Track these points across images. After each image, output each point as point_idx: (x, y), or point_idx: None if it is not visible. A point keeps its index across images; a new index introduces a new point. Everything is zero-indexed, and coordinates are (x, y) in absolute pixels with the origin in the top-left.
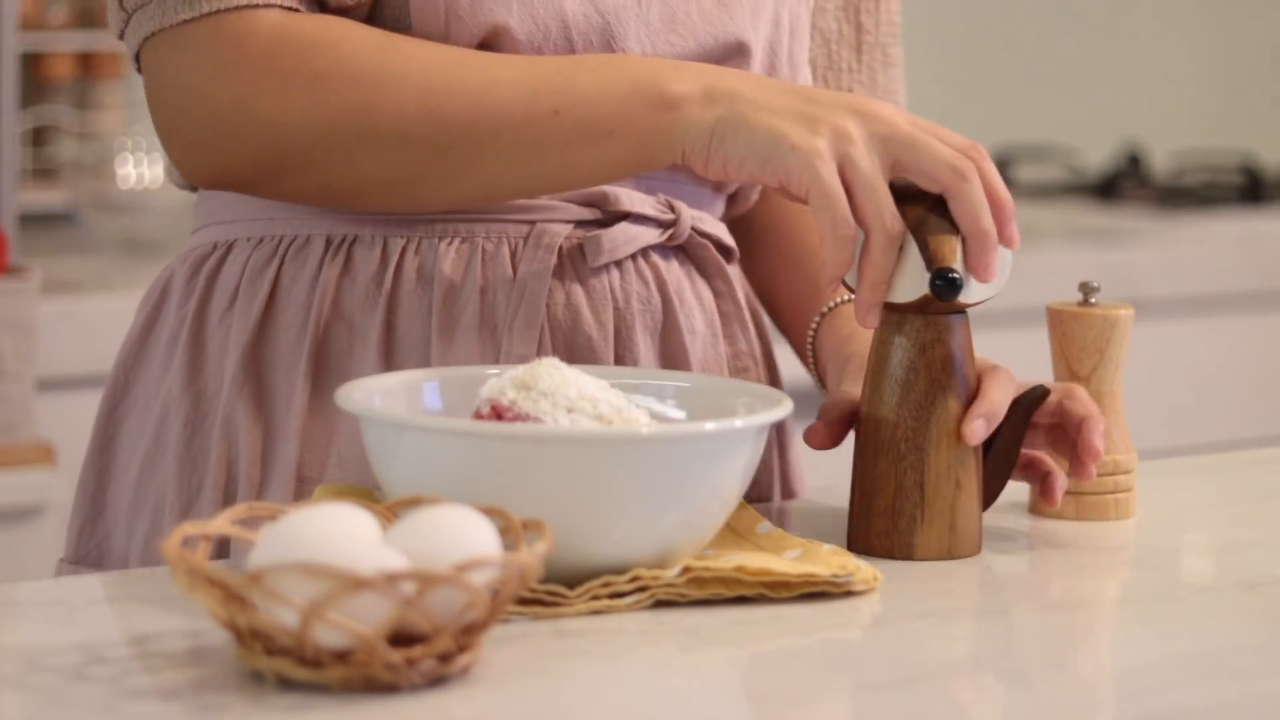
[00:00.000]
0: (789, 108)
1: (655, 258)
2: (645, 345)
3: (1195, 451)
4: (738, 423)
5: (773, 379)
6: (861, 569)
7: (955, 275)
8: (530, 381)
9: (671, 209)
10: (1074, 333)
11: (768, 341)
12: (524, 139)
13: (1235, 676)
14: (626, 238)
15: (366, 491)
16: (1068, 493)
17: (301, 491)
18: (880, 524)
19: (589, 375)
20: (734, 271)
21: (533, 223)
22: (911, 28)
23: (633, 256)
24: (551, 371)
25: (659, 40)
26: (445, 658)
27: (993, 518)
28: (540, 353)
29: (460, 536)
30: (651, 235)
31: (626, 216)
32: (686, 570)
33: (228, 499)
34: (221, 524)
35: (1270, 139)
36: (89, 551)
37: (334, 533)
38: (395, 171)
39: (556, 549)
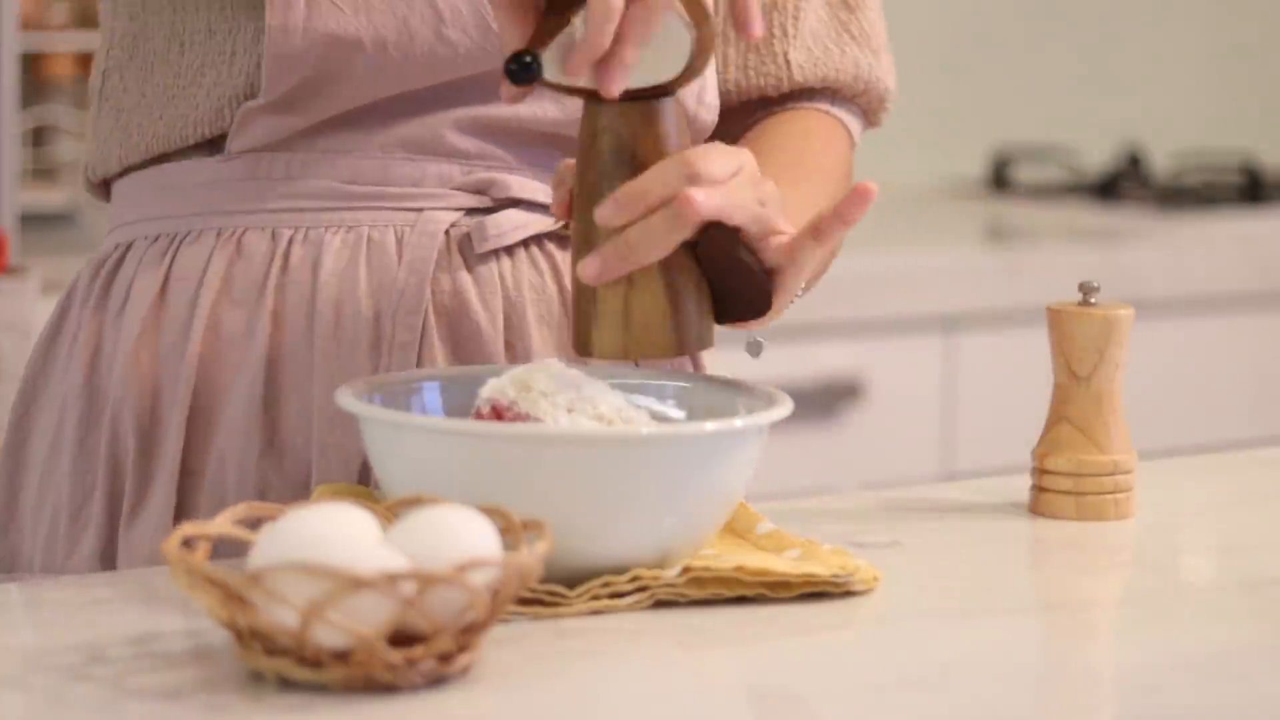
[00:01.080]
0: None
1: (551, 246)
2: (539, 334)
3: (1195, 451)
4: (738, 423)
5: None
6: (861, 569)
7: (527, 59)
8: (530, 382)
9: None
10: (1074, 333)
11: None
12: None
13: (1236, 677)
14: (515, 223)
15: (366, 491)
16: (1068, 493)
17: (185, 485)
18: (574, 324)
19: (588, 375)
20: None
21: (420, 210)
22: (911, 27)
23: (526, 244)
24: (551, 372)
25: None
26: (445, 658)
27: (993, 517)
28: (424, 340)
29: (460, 536)
30: (545, 222)
31: (518, 204)
32: (686, 570)
33: (114, 496)
34: (221, 524)
35: (1270, 139)
36: (3, 557)
37: (334, 533)
38: None
39: (556, 549)
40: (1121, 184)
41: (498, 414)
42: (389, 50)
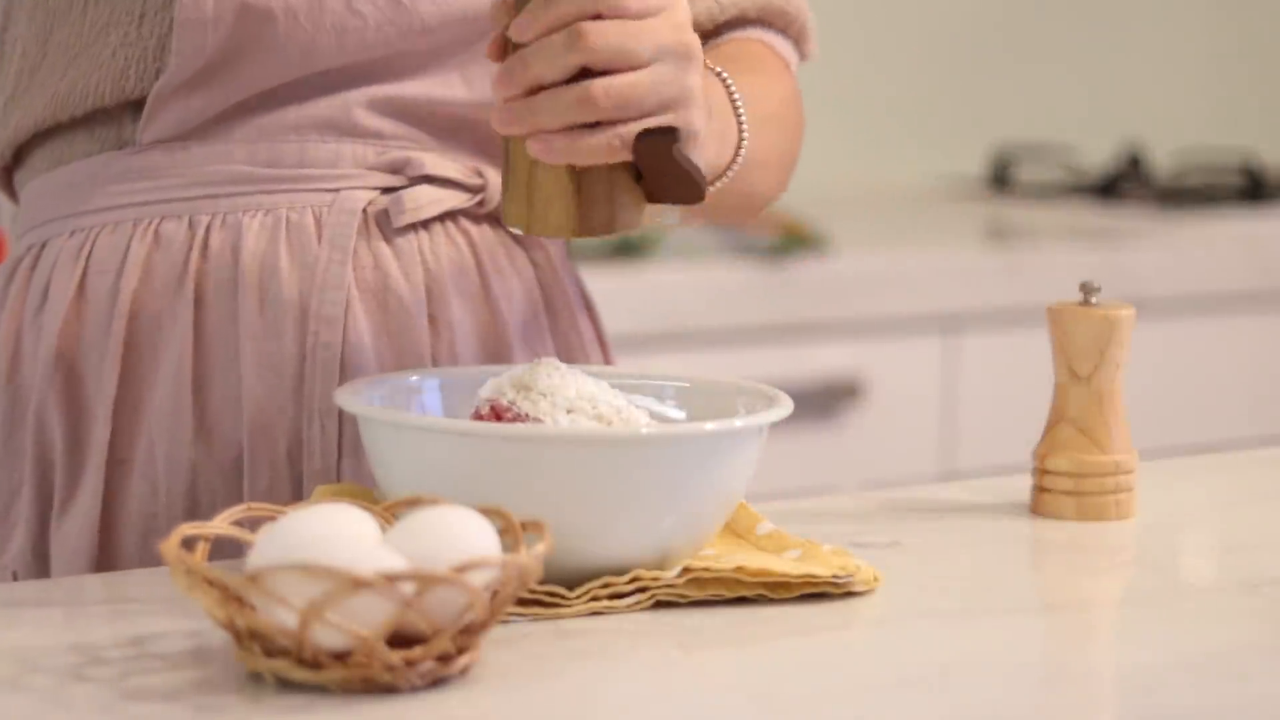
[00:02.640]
0: None
1: (466, 223)
2: (461, 308)
3: (1195, 451)
4: (738, 423)
5: (606, 363)
6: (861, 569)
7: None
8: (529, 382)
9: (480, 175)
10: (1074, 333)
11: (600, 327)
12: None
13: (1236, 678)
14: (430, 198)
15: (366, 492)
16: (1068, 493)
17: (115, 474)
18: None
19: (588, 375)
20: (554, 245)
21: (337, 190)
22: (911, 27)
23: (442, 221)
24: (550, 372)
25: None
26: (444, 659)
27: (993, 517)
28: (349, 315)
29: (459, 537)
30: (459, 198)
31: (433, 181)
32: (686, 571)
33: (43, 491)
34: (221, 524)
35: (1272, 139)
36: None
37: (333, 533)
38: None
39: (556, 549)
40: (1121, 184)
41: (497, 414)
42: (300, 20)
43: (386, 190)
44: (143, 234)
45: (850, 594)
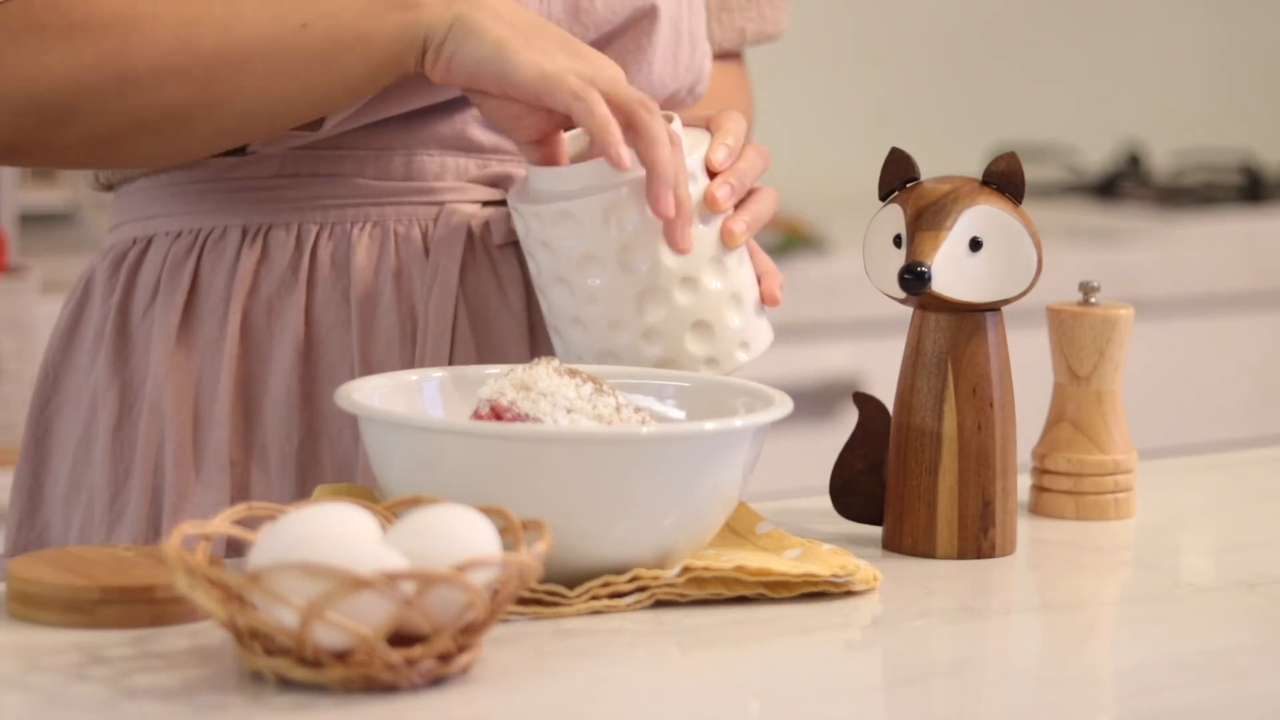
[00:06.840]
0: (525, 28)
1: None
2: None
3: (1195, 451)
4: (738, 423)
5: None
6: (861, 569)
7: (921, 269)
8: (530, 382)
9: None
10: (1074, 333)
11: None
12: (276, 58)
13: (1235, 677)
14: None
15: (366, 491)
16: (1068, 493)
17: (233, 475)
18: None
19: (589, 375)
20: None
21: (441, 204)
22: (911, 27)
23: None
24: (550, 372)
25: None
26: (445, 658)
27: None
28: (456, 329)
29: (460, 536)
30: None
31: None
32: (686, 570)
33: (156, 486)
34: (221, 524)
35: (1271, 139)
36: (28, 544)
37: (333, 533)
38: (157, 110)
39: (556, 549)
40: (1121, 184)
41: (497, 414)
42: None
43: (488, 204)
44: (251, 242)
45: (850, 594)
